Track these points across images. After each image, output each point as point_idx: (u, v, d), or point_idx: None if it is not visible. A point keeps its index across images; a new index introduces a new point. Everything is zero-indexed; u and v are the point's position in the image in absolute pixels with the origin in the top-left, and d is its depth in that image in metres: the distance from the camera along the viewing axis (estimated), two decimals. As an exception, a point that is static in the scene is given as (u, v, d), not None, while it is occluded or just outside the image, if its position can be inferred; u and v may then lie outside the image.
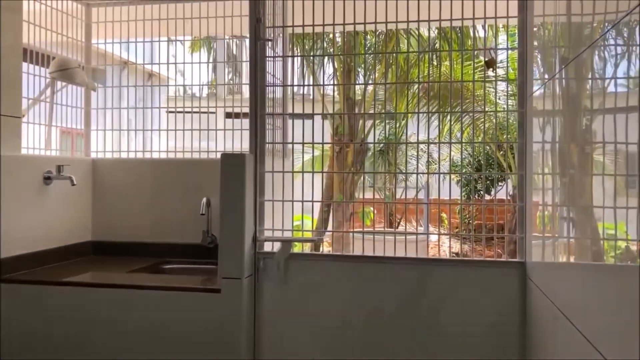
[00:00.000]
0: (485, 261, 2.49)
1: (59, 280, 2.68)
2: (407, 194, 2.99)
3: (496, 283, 2.44)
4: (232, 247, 2.51)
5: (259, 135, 2.63)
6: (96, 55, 3.69)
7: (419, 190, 9.95)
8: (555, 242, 1.84)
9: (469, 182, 11.74)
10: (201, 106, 3.56)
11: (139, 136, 3.64)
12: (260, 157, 2.63)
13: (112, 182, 3.45)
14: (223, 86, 3.91)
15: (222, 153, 2.55)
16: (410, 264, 2.52)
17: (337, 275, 2.58)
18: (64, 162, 3.08)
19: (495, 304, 2.44)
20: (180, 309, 2.53)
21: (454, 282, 2.48)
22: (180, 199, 3.33)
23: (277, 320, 2.61)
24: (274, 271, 2.60)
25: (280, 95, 3.05)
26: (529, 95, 2.36)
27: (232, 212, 2.50)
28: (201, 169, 3.29)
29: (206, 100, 3.65)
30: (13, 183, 2.79)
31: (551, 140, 1.92)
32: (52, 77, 3.19)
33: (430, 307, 2.50)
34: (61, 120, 3.42)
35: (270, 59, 2.75)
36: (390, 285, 2.54)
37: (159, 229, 3.37)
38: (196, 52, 10.04)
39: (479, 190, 12.25)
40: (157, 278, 2.89)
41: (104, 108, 3.59)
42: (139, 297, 2.56)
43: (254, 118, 2.62)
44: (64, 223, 3.20)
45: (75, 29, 3.48)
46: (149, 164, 3.47)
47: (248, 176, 2.54)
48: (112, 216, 3.43)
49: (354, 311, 2.56)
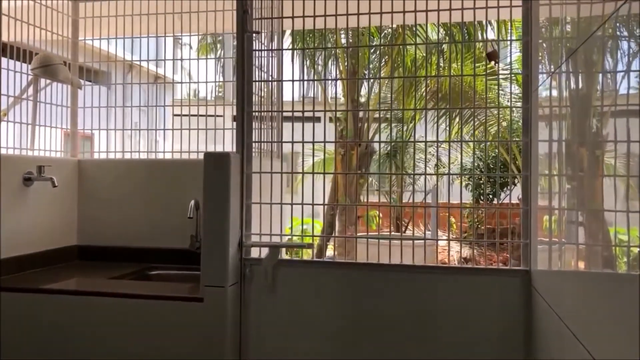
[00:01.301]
0: (488, 269, 2.31)
1: (27, 287, 2.53)
2: (414, 198, 2.82)
3: (499, 292, 2.26)
4: (215, 252, 2.35)
5: (245, 133, 2.47)
6: (99, 56, 3.56)
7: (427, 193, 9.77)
8: (563, 248, 1.67)
9: (478, 185, 11.55)
10: (208, 105, 3.41)
11: (145, 139, 3.50)
12: (247, 157, 2.47)
13: (99, 183, 3.30)
14: (231, 88, 3.73)
15: (205, 152, 2.40)
16: (408, 272, 2.35)
17: (330, 283, 2.42)
18: (46, 163, 2.94)
19: (499, 315, 2.26)
20: (160, 318, 2.37)
21: (455, 290, 2.30)
22: (170, 201, 3.17)
23: (265, 331, 2.45)
24: (262, 279, 2.43)
25: (275, 93, 2.91)
26: (534, 89, 2.18)
27: (216, 215, 2.34)
28: (193, 170, 3.13)
29: (213, 102, 3.50)
30: (-11, 184, 2.65)
31: (558, 138, 1.74)
32: (34, 73, 3.05)
33: (429, 318, 2.32)
34: (46, 120, 3.28)
35: (261, 55, 2.60)
36: (387, 294, 2.36)
37: (147, 232, 3.22)
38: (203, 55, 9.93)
39: (488, 193, 12.05)
40: (138, 285, 2.73)
41: (91, 107, 3.45)
42: (117, 306, 2.40)
43: (240, 115, 2.46)
44: (46, 226, 3.05)
45: (61, 26, 3.34)
46: (138, 165, 3.32)
47: (233, 177, 2.38)
48: (98, 219, 3.28)
49: (348, 322, 2.39)
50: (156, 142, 3.65)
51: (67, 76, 3.09)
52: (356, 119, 8.51)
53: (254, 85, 2.53)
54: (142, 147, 3.51)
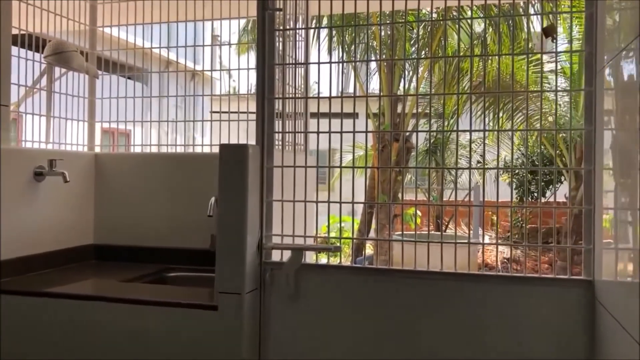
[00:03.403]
0: (542, 279, 2.00)
1: (26, 290, 2.34)
2: (457, 195, 2.52)
3: (556, 306, 1.95)
4: (231, 255, 2.10)
5: (266, 123, 2.21)
6: (140, 54, 3.41)
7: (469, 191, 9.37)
8: (636, 255, 1.36)
9: (522, 183, 11.05)
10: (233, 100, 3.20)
11: (182, 135, 3.31)
12: (267, 149, 2.21)
13: (117, 178, 3.10)
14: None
15: (221, 143, 2.15)
16: (448, 279, 2.05)
17: (360, 291, 2.14)
18: (57, 156, 2.75)
19: (555, 332, 1.94)
20: (170, 327, 2.14)
21: (505, 302, 2.00)
22: (191, 198, 2.94)
23: (286, 344, 2.19)
24: (283, 285, 2.17)
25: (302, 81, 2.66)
26: (599, 69, 1.86)
27: (232, 213, 2.09)
28: (216, 164, 2.89)
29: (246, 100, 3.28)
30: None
31: (629, 126, 1.43)
32: (47, 61, 2.87)
33: (472, 335, 2.02)
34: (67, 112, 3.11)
35: (285, 38, 2.35)
36: (423, 305, 2.08)
37: (167, 231, 3.00)
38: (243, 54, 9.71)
39: (532, 191, 11.51)
40: (150, 289, 2.51)
41: (108, 98, 3.25)
42: (124, 312, 2.18)
43: (260, 102, 2.20)
44: (60, 224, 2.86)
45: (79, 13, 3.16)
46: (158, 159, 3.11)
47: (252, 171, 2.12)
48: (116, 217, 3.08)
49: (381, 336, 2.11)
50: (193, 139, 3.46)
51: (81, 64, 2.90)
52: (394, 113, 8.18)
53: (280, 71, 2.28)
54: (178, 144, 3.32)
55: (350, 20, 2.59)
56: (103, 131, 4.21)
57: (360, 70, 7.76)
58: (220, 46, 4.05)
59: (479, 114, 8.38)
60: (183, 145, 3.30)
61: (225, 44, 3.71)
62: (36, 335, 2.28)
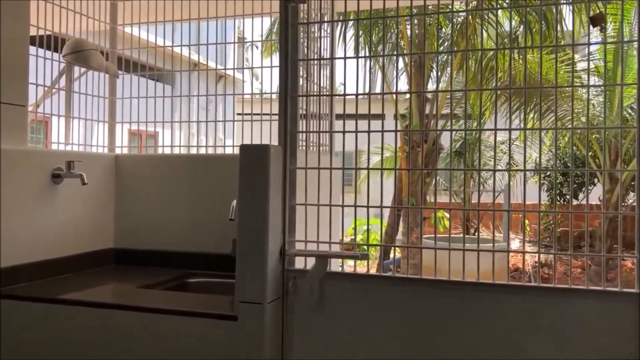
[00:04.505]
0: (588, 291, 1.83)
1: (40, 297, 2.25)
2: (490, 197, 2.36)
3: (602, 322, 1.78)
4: (251, 262, 1.98)
5: (289, 122, 2.09)
6: (166, 56, 3.34)
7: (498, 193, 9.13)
8: None
9: (554, 185, 10.77)
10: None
11: (207, 137, 3.23)
12: (290, 150, 2.09)
13: (138, 180, 3.01)
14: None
15: (241, 144, 2.04)
16: (483, 290, 1.90)
17: (389, 302, 2.00)
18: (76, 158, 2.67)
19: (602, 348, 1.78)
20: (188, 337, 2.03)
21: (542, 316, 1.84)
22: (214, 200, 2.83)
23: (309, 356, 2.06)
24: (307, 294, 2.05)
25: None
26: (653, 61, 1.70)
27: (252, 217, 1.98)
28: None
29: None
30: (13, 181, 2.40)
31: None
32: (66, 60, 2.80)
33: (511, 350, 1.87)
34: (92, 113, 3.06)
35: (309, 33, 2.23)
36: (456, 317, 1.93)
37: (189, 235, 2.90)
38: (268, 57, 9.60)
39: (565, 194, 11.20)
40: (166, 297, 2.41)
41: (129, 97, 3.17)
42: (138, 321, 2.08)
43: (283, 100, 2.08)
44: (79, 228, 2.79)
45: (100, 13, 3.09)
46: (180, 160, 3.03)
47: (274, 173, 2.00)
48: (137, 220, 3.00)
49: (407, 349, 1.97)
50: (222, 140, 3.38)
51: (100, 63, 2.82)
52: (422, 114, 7.99)
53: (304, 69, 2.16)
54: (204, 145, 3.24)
55: (378, 20, 2.46)
56: (131, 133, 4.16)
57: (388, 69, 7.59)
58: (243, 43, 3.95)
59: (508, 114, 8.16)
60: (211, 146, 3.21)
61: (248, 41, 3.59)
62: (50, 343, 2.19)
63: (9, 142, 2.42)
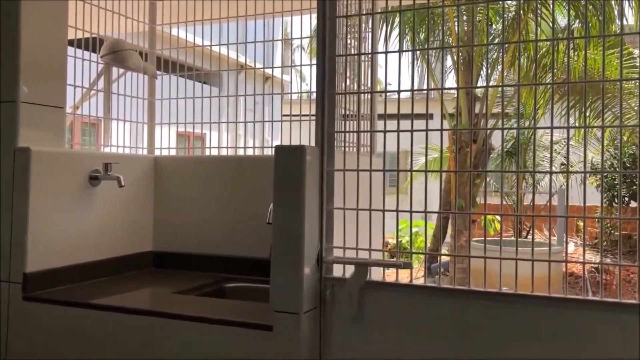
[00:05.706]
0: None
1: (69, 300, 2.21)
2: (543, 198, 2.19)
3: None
4: (287, 270, 1.88)
5: (326, 121, 1.97)
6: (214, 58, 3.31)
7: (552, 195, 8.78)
8: None
9: (612, 187, 10.31)
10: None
11: (255, 139, 3.22)
12: (328, 151, 1.97)
13: (177, 182, 2.95)
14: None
15: (276, 145, 1.94)
16: (539, 304, 1.74)
17: (432, 312, 1.86)
18: (113, 160, 2.63)
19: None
20: (220, 347, 1.94)
21: (616, 335, 1.67)
22: (255, 203, 2.74)
23: (349, 370, 1.94)
24: (346, 304, 1.93)
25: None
26: None
27: (287, 222, 1.87)
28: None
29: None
30: (50, 182, 2.37)
31: None
32: (103, 61, 2.77)
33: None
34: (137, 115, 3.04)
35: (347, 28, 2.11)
36: (508, 332, 1.77)
37: (229, 238, 2.82)
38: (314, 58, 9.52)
39: (624, 195, 10.69)
40: (200, 303, 2.32)
41: (166, 98, 3.12)
42: (174, 328, 2.00)
43: (320, 98, 1.97)
44: (117, 230, 2.75)
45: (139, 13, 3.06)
46: (220, 162, 2.95)
47: (310, 175, 1.89)
48: (176, 223, 2.94)
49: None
50: (269, 141, 3.32)
51: (137, 63, 2.78)
52: (471, 113, 7.74)
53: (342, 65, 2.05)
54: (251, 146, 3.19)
55: (424, 16, 2.31)
56: (178, 135, 4.14)
57: (435, 68, 7.37)
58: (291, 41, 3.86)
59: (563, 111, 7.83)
60: (258, 147, 3.14)
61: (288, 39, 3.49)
62: (80, 348, 2.15)
63: (46, 144, 2.40)
